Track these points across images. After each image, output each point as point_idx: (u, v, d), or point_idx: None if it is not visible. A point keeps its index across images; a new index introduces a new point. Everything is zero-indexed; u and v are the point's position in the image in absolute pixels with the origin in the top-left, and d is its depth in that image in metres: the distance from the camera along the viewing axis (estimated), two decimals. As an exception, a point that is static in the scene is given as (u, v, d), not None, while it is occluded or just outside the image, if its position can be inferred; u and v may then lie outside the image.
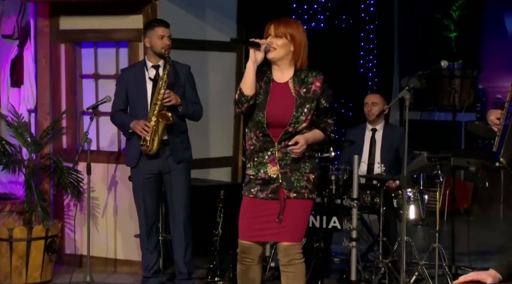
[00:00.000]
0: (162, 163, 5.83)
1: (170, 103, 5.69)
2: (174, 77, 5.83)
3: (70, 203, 6.87)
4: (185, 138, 5.94)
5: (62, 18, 6.91)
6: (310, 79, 4.54)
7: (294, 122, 4.48)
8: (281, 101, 4.51)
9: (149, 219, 5.96)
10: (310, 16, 9.46)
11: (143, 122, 5.73)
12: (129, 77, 5.95)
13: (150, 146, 5.72)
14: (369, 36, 9.67)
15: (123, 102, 5.96)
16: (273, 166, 4.51)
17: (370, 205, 6.36)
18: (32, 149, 6.50)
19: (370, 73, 9.72)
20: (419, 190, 6.42)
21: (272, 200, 4.53)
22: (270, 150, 4.51)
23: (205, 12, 7.55)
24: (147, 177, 5.87)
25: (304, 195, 4.54)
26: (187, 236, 5.91)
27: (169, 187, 5.90)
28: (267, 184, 4.53)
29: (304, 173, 4.53)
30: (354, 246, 5.93)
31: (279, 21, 4.55)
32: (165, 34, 5.83)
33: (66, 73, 6.96)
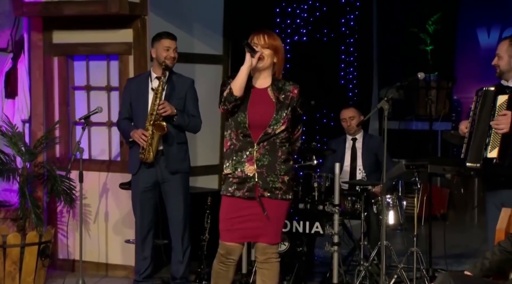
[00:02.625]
0: (158, 173, 5.82)
1: (165, 113, 5.67)
2: (174, 88, 5.82)
3: (63, 210, 6.85)
4: (183, 149, 5.91)
5: (55, 32, 6.90)
6: (288, 87, 4.67)
7: (274, 124, 4.58)
8: (262, 104, 4.62)
9: (145, 227, 5.94)
10: (293, 30, 9.48)
11: (140, 131, 5.73)
12: (133, 87, 5.95)
13: (147, 155, 5.71)
14: (350, 49, 9.69)
15: (128, 111, 5.96)
16: (250, 165, 4.58)
17: (351, 210, 6.38)
18: (26, 157, 6.48)
19: (351, 85, 9.74)
20: (398, 196, 6.45)
21: (249, 199, 4.59)
22: (249, 150, 4.59)
23: (192, 26, 7.56)
24: (145, 185, 5.86)
25: (278, 196, 4.61)
26: (184, 240, 5.92)
27: (166, 196, 5.89)
28: (243, 182, 4.59)
29: (279, 175, 4.60)
30: (336, 250, 5.95)
31: (264, 33, 4.68)
32: (171, 46, 5.81)
33: (59, 85, 6.95)
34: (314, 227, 6.18)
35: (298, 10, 9.51)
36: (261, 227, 4.61)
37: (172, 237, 5.94)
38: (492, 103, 4.78)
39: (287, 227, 6.19)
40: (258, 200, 4.58)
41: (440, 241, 6.42)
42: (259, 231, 4.62)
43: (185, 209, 5.89)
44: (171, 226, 5.93)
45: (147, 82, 5.84)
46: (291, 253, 6.24)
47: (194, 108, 5.92)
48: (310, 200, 6.25)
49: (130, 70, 6.62)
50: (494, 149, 4.68)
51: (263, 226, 4.61)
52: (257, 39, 4.65)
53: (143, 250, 5.96)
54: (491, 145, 4.70)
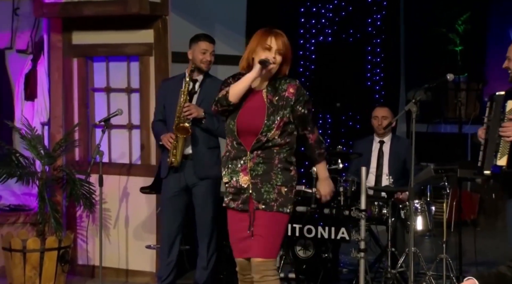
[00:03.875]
0: (187, 178, 5.81)
1: (190, 116, 5.67)
2: (207, 91, 5.80)
3: (82, 214, 6.88)
4: (214, 154, 5.85)
5: (74, 33, 6.94)
6: (283, 87, 4.44)
7: (266, 131, 4.38)
8: (253, 110, 4.42)
9: (173, 231, 5.90)
10: (318, 30, 9.48)
11: (169, 134, 5.73)
12: (167, 89, 5.94)
13: (172, 158, 5.71)
14: (376, 50, 9.67)
15: (161, 113, 5.95)
16: (244, 175, 4.42)
17: (378, 216, 6.34)
18: (45, 161, 6.52)
19: (377, 86, 9.71)
20: (426, 201, 6.40)
21: (242, 212, 4.44)
22: (243, 159, 4.42)
23: (214, 26, 7.57)
24: (174, 190, 5.84)
25: (273, 208, 4.39)
26: (211, 247, 5.90)
27: (195, 200, 5.86)
28: (238, 193, 4.45)
29: (275, 185, 4.41)
30: (363, 256, 5.91)
31: (282, 38, 4.45)
32: (208, 49, 5.80)
33: (79, 86, 6.99)
34: (340, 233, 6.15)
35: (323, 10, 9.51)
36: (253, 241, 4.40)
37: (199, 242, 5.92)
38: (502, 109, 4.75)
39: (312, 233, 6.18)
40: (249, 214, 4.40)
41: (471, 247, 6.38)
42: (251, 245, 4.41)
43: (213, 214, 5.85)
44: (199, 231, 5.90)
45: (181, 84, 5.83)
46: (316, 259, 6.23)
47: None
48: (336, 205, 6.23)
49: (151, 71, 6.64)
50: (503, 156, 4.65)
51: (256, 240, 4.40)
52: (271, 42, 4.42)
53: (168, 255, 5.92)
54: (501, 152, 4.67)
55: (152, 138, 6.53)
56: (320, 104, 9.29)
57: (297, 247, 6.30)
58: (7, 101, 7.33)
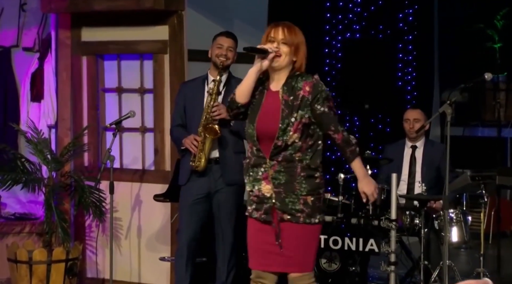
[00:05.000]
0: (211, 183, 5.77)
1: (220, 116, 5.63)
2: (231, 92, 5.79)
3: (91, 224, 6.89)
4: (240, 159, 5.73)
5: (84, 30, 6.96)
6: (299, 85, 4.38)
7: (282, 135, 4.33)
8: (271, 112, 4.39)
9: (192, 243, 5.85)
10: (344, 26, 9.45)
11: (192, 136, 5.68)
12: (187, 92, 5.92)
13: (197, 162, 5.67)
14: (408, 47, 9.63)
15: (181, 117, 5.92)
16: (266, 183, 4.40)
17: (409, 226, 6.31)
18: (52, 166, 6.54)
19: (409, 87, 9.67)
20: (462, 210, 6.37)
21: (265, 222, 4.42)
22: (263, 166, 4.40)
23: (233, 23, 7.57)
24: (196, 197, 5.79)
25: (299, 219, 4.36)
26: (231, 260, 5.86)
27: (217, 208, 5.81)
28: (261, 202, 4.42)
29: (300, 195, 4.37)
30: (393, 270, 5.88)
31: (284, 26, 4.43)
32: (224, 44, 5.77)
33: (88, 87, 7.01)
34: (368, 245, 6.13)
35: (350, 5, 9.48)
36: (284, 254, 4.39)
37: (218, 254, 5.87)
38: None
39: (338, 244, 6.15)
40: (273, 225, 4.38)
41: (510, 260, 6.33)
42: (283, 259, 4.39)
43: (236, 225, 5.83)
44: (219, 242, 5.86)
45: (203, 86, 5.81)
46: (342, 273, 6.20)
47: None
48: (364, 215, 6.20)
49: (166, 70, 6.65)
50: None
51: (283, 254, 4.39)
52: (274, 33, 4.40)
53: (186, 268, 5.88)
54: None
55: (167, 142, 6.53)
56: (347, 106, 9.26)
57: (322, 259, 6.28)
58: (12, 103, 7.37)
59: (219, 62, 5.72)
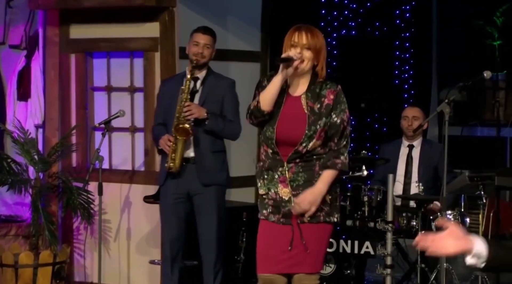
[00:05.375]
0: (189, 183, 5.79)
1: (191, 116, 5.65)
2: (211, 90, 5.80)
3: (80, 226, 6.88)
4: (219, 158, 5.85)
5: (72, 27, 6.96)
6: (323, 92, 4.46)
7: (306, 141, 4.41)
8: (293, 117, 4.44)
9: (175, 244, 5.88)
10: (340, 23, 9.45)
11: (166, 136, 5.71)
12: (167, 89, 5.94)
13: (170, 163, 5.68)
14: (405, 45, 9.62)
15: (162, 116, 5.94)
16: (284, 187, 4.46)
17: (406, 228, 6.31)
18: (40, 167, 6.53)
19: (406, 85, 9.66)
20: (460, 212, 6.36)
21: (284, 225, 4.45)
22: (280, 170, 4.45)
23: (226, 20, 7.56)
24: (174, 197, 5.82)
25: (320, 218, 4.45)
26: (217, 263, 5.87)
27: (198, 210, 5.84)
28: (279, 206, 4.47)
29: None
30: (389, 273, 5.89)
31: (307, 31, 4.47)
32: (201, 41, 5.78)
33: (77, 85, 7.00)
34: (364, 247, 6.13)
35: (346, 1, 9.48)
36: (297, 255, 4.44)
37: (203, 257, 5.89)
38: None
39: (333, 247, 6.15)
40: (292, 228, 4.42)
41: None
42: (296, 260, 4.45)
43: (218, 226, 5.84)
44: (202, 245, 5.88)
45: (181, 83, 5.83)
46: (337, 276, 6.20)
47: (232, 112, 5.87)
48: (360, 216, 6.21)
49: (157, 68, 6.65)
50: None
51: (300, 253, 4.44)
52: (298, 37, 4.45)
53: (172, 272, 5.91)
54: None
55: (158, 142, 6.53)
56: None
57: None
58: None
59: (194, 59, 5.72)
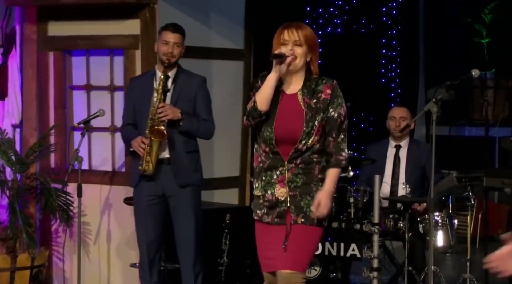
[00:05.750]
0: (165, 184, 5.79)
1: (165, 117, 5.65)
2: (183, 88, 5.80)
3: (58, 229, 6.87)
4: (194, 158, 5.87)
5: (50, 24, 6.94)
6: (319, 88, 4.51)
7: (305, 138, 4.45)
8: (290, 115, 4.49)
9: (152, 247, 5.88)
10: (325, 20, 9.47)
11: (140, 138, 5.70)
12: (136, 88, 5.93)
13: (145, 166, 5.68)
14: (392, 43, 9.66)
15: (131, 116, 5.93)
16: (281, 187, 4.50)
17: (393, 230, 6.33)
18: (17, 168, 6.51)
19: (393, 84, 9.70)
20: (448, 213, 6.39)
21: (278, 225, 4.51)
22: (280, 169, 4.50)
23: (209, 16, 7.55)
24: (149, 199, 5.81)
25: (314, 221, 4.49)
26: (196, 265, 5.87)
27: (173, 212, 5.84)
28: (274, 207, 4.52)
29: (315, 197, 4.48)
30: (376, 276, 5.91)
31: (296, 27, 4.52)
32: (171, 40, 5.77)
33: (55, 84, 6.98)
34: (350, 250, 6.14)
35: (331, -3, 9.50)
36: (285, 255, 4.48)
37: (181, 260, 5.90)
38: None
39: (319, 250, 6.15)
40: (286, 228, 4.48)
41: (498, 266, 6.34)
42: (281, 257, 4.49)
43: (196, 227, 5.85)
44: (180, 248, 5.88)
45: (151, 82, 5.82)
46: (323, 279, 6.21)
47: (205, 110, 5.89)
48: (345, 218, 6.21)
49: (137, 67, 6.64)
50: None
51: (288, 253, 4.48)
52: (288, 34, 4.47)
53: (150, 276, 5.91)
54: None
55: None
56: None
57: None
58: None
59: (165, 59, 5.71)
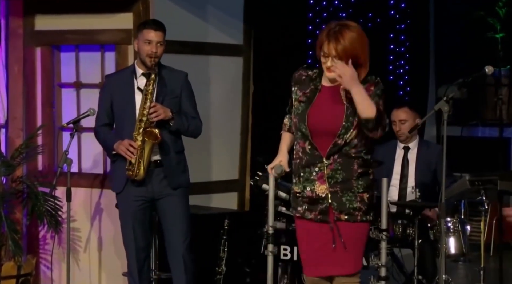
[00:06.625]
0: (154, 188, 5.80)
1: (157, 118, 5.64)
2: (166, 86, 5.80)
3: (46, 235, 6.87)
4: (182, 159, 5.91)
5: (38, 17, 6.94)
6: (364, 85, 4.59)
7: (344, 133, 4.56)
8: (329, 109, 4.60)
9: (140, 254, 5.90)
10: (330, 14, 9.45)
11: (127, 142, 5.68)
12: (114, 86, 5.91)
13: (136, 171, 5.67)
14: (400, 38, 9.65)
15: (108, 116, 5.92)
16: (321, 183, 4.61)
17: (402, 237, 6.32)
18: (2, 171, 6.51)
19: (401, 81, 9.69)
20: (460, 219, 6.39)
21: (322, 223, 4.61)
22: (318, 166, 4.60)
23: (206, 10, 7.55)
24: (138, 203, 5.82)
25: (357, 218, 4.61)
26: (188, 273, 5.87)
27: (164, 215, 5.86)
28: (315, 203, 4.63)
29: (357, 193, 4.62)
30: (383, 286, 5.89)
31: (335, 39, 4.56)
32: (154, 39, 5.75)
33: (43, 81, 6.99)
34: (356, 257, 6.12)
35: (336, -10, 9.49)
36: (338, 256, 4.61)
37: (172, 267, 5.90)
38: None
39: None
40: (331, 226, 4.59)
41: (514, 275, 6.37)
42: (336, 260, 4.62)
43: (187, 232, 5.88)
44: (170, 254, 5.89)
45: (131, 80, 5.81)
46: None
47: (191, 107, 5.91)
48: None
49: (130, 63, 6.61)
50: None
51: (340, 253, 4.61)
52: (327, 48, 4.58)
53: None
54: None
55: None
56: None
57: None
58: (-43, 99, 7.33)
59: (149, 61, 5.70)
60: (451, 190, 6.05)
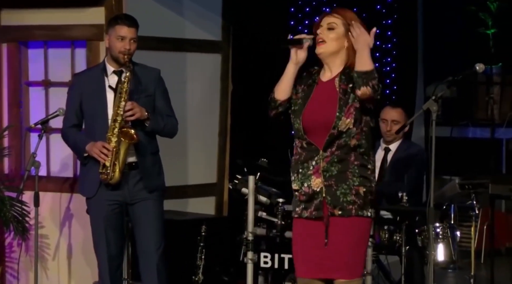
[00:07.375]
0: (128, 191, 5.78)
1: (133, 117, 5.63)
2: (140, 84, 5.78)
3: (13, 242, 6.85)
4: (157, 161, 5.91)
5: (4, 12, 6.93)
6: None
7: (337, 124, 4.63)
8: (323, 103, 4.69)
9: (113, 262, 5.88)
10: (313, 8, 9.45)
11: (100, 144, 5.66)
12: (84, 85, 5.88)
13: (111, 173, 5.64)
14: (387, 34, 9.66)
15: (77, 116, 5.89)
16: (316, 177, 4.67)
17: (388, 243, 6.32)
18: (-34, 174, 6.48)
19: (388, 80, 9.70)
20: (450, 224, 6.40)
21: (317, 220, 4.65)
22: (315, 159, 4.67)
23: (182, 4, 7.55)
24: (111, 208, 5.79)
25: (351, 212, 4.63)
26: (161, 281, 5.86)
27: (137, 221, 5.83)
28: (311, 199, 4.68)
29: (352, 186, 4.66)
30: (369, 295, 5.90)
31: (335, 11, 4.75)
32: (127, 35, 5.73)
33: (9, 80, 6.97)
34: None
35: (319, -17, 9.50)
36: (335, 257, 4.62)
37: (144, 276, 5.87)
38: None
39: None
40: (324, 220, 4.63)
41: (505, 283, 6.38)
42: (334, 263, 4.62)
43: (161, 239, 5.86)
44: (143, 262, 5.86)
45: (102, 78, 5.80)
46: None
47: (166, 105, 5.91)
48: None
49: (101, 60, 6.60)
50: None
51: (337, 254, 4.62)
52: (322, 19, 4.74)
53: None
54: None
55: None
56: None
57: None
58: None
59: (122, 58, 5.68)
60: (440, 194, 6.07)
